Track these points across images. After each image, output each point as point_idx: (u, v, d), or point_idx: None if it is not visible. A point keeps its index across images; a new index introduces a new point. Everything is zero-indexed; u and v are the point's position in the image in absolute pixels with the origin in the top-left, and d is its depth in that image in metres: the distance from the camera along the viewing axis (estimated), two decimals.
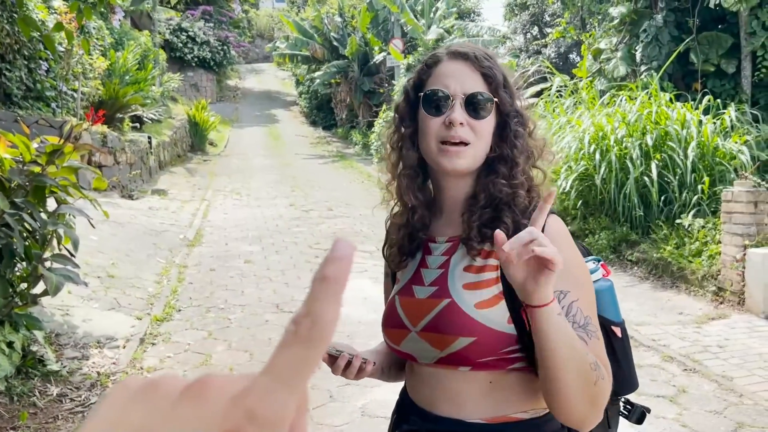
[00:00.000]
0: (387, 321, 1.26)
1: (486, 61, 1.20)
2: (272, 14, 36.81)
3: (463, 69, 1.19)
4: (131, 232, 7.47)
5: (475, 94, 1.17)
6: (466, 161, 1.17)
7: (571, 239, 1.19)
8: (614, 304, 1.29)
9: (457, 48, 1.23)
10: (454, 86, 1.18)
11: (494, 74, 1.19)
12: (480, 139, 1.18)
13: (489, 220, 1.18)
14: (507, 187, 1.18)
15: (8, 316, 3.57)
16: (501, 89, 1.19)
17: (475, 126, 1.17)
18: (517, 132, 1.21)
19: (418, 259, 1.28)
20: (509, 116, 1.21)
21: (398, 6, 18.90)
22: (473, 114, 1.17)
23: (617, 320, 1.28)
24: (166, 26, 21.06)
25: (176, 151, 14.93)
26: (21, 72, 8.72)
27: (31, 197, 3.60)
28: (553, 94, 10.77)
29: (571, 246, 1.18)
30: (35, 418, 3.29)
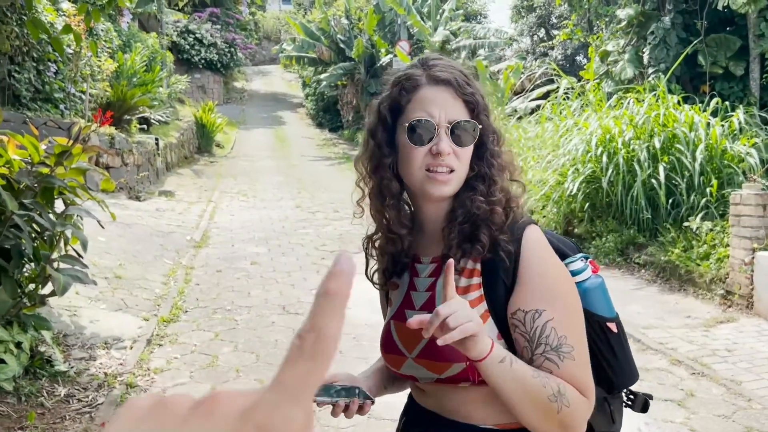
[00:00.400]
0: (384, 346, 1.28)
1: (467, 86, 1.20)
2: (279, 16, 36.90)
3: (445, 96, 1.19)
4: (138, 234, 7.49)
5: (460, 123, 1.18)
6: (451, 187, 1.19)
7: (549, 250, 1.20)
8: (606, 300, 1.29)
9: (437, 72, 1.20)
10: (438, 115, 1.18)
11: (476, 100, 1.20)
12: (463, 164, 1.19)
13: (467, 237, 1.20)
14: (485, 204, 1.19)
15: (17, 317, 3.59)
16: (482, 114, 1.21)
17: (459, 153, 1.18)
18: (494, 151, 1.23)
19: (407, 281, 1.29)
20: (487, 137, 1.23)
21: (405, 8, 18.93)
22: (458, 142, 1.18)
23: (611, 316, 1.28)
24: (173, 28, 21.14)
25: (183, 153, 14.98)
26: (30, 74, 8.78)
27: (39, 198, 3.62)
28: (560, 96, 10.74)
29: (549, 258, 1.19)
30: (43, 418, 3.30)
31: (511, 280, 1.16)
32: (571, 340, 1.12)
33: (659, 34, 10.24)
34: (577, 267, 1.25)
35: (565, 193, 7.99)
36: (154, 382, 3.94)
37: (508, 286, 1.16)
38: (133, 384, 3.84)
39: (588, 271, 1.27)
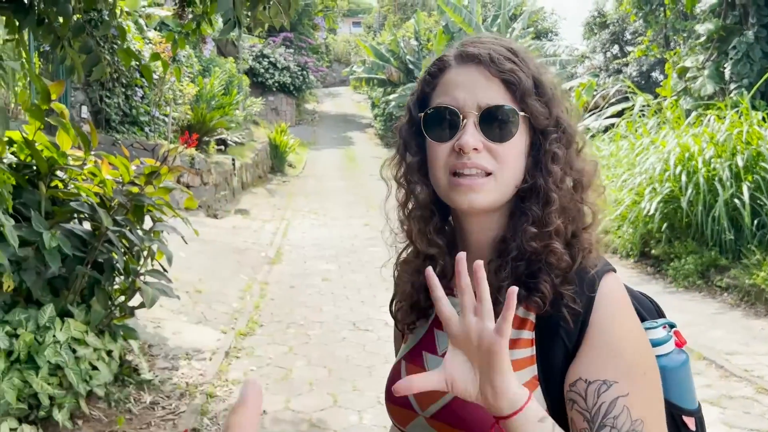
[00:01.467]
0: (389, 394, 0.97)
1: (507, 62, 0.89)
2: (349, 39, 37.74)
3: (475, 76, 0.90)
4: (216, 250, 7.80)
5: (493, 109, 0.88)
6: (486, 197, 0.89)
7: (630, 308, 0.89)
8: (689, 384, 0.96)
9: (466, 48, 0.92)
10: (463, 100, 0.89)
11: (519, 79, 0.89)
12: (504, 166, 0.89)
13: (520, 279, 0.89)
14: (537, 239, 0.89)
15: (108, 327, 3.81)
16: (530, 97, 0.89)
17: (496, 150, 0.88)
18: (555, 155, 0.91)
19: (433, 315, 0.99)
20: (545, 133, 0.92)
21: (474, 28, 18.98)
22: (492, 135, 0.88)
23: (692, 407, 0.95)
24: (249, 53, 21.98)
25: (257, 173, 15.48)
26: (119, 99, 9.36)
27: (130, 215, 3.85)
28: (636, 113, 10.48)
29: (629, 318, 0.88)
30: (130, 423, 3.49)
31: (574, 343, 0.86)
32: (650, 427, 0.81)
33: (742, 49, 9.86)
34: (658, 336, 0.94)
35: (642, 213, 7.78)
36: (232, 394, 4.08)
37: (570, 350, 0.86)
38: (212, 394, 3.99)
39: (671, 344, 0.95)
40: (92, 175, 3.92)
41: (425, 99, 0.96)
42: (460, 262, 0.74)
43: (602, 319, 0.86)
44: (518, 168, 0.90)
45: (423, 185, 0.98)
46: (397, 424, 0.98)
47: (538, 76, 0.91)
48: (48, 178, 3.69)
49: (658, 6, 13.71)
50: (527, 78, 0.89)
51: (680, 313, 6.18)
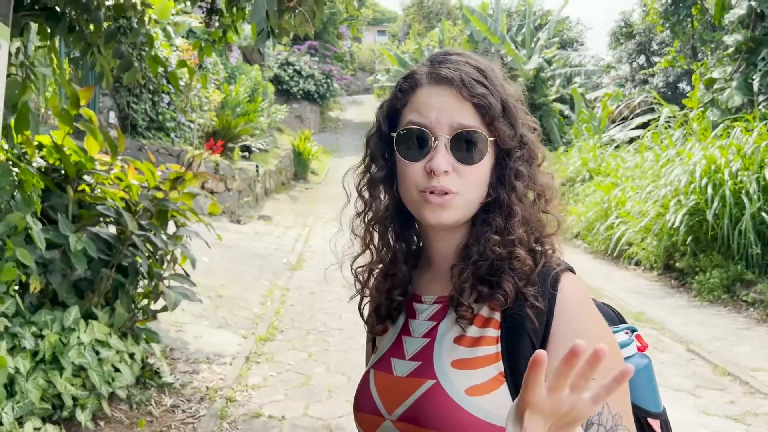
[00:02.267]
0: (358, 402, 1.01)
1: (479, 86, 0.92)
2: (374, 48, 37.91)
3: (447, 98, 0.92)
4: (239, 255, 7.86)
5: (464, 133, 0.91)
6: (455, 213, 0.93)
7: (592, 304, 0.93)
8: (652, 387, 0.98)
9: (438, 69, 0.94)
10: (436, 121, 0.91)
11: (489, 103, 0.91)
12: (471, 186, 0.93)
13: (483, 279, 0.93)
14: (500, 246, 0.92)
15: (131, 329, 3.87)
16: (498, 121, 0.92)
17: (464, 172, 0.91)
18: (519, 172, 0.95)
19: (401, 323, 1.03)
20: (509, 152, 0.95)
21: (499, 37, 18.96)
22: (461, 158, 0.91)
23: (656, 410, 0.97)
24: (274, 61, 22.19)
25: (281, 179, 15.59)
26: (146, 105, 9.51)
27: (155, 220, 3.91)
28: (662, 125, 10.36)
29: (591, 315, 0.91)
30: (151, 425, 3.53)
31: (541, 339, 0.89)
32: (626, 420, 0.85)
33: None
34: (620, 340, 0.96)
35: (667, 225, 7.68)
36: (252, 398, 4.11)
37: (536, 347, 0.88)
38: (232, 399, 4.02)
39: (633, 347, 0.98)
40: (118, 180, 3.99)
41: (396, 114, 0.99)
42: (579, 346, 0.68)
43: (568, 314, 0.89)
44: (483, 186, 0.94)
45: (388, 196, 1.02)
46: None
47: (506, 98, 0.95)
48: (75, 182, 3.77)
49: (685, 17, 13.57)
50: (496, 102, 0.92)
51: (705, 327, 6.08)
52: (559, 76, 19.23)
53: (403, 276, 1.03)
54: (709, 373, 4.97)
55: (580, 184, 11.65)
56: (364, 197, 1.05)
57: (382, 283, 1.05)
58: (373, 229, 1.05)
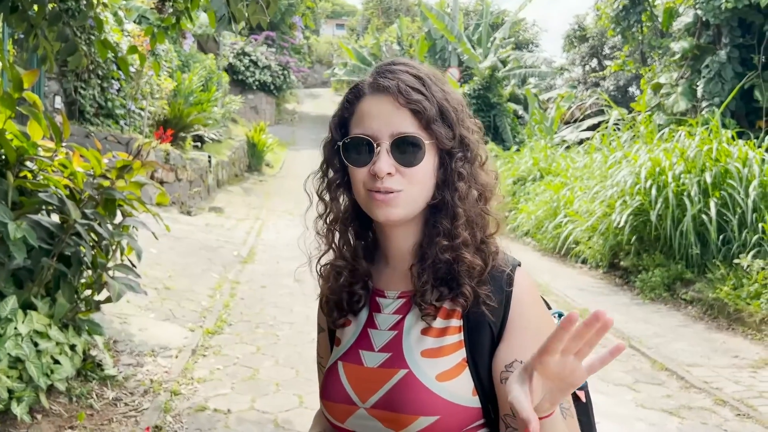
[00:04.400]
0: (328, 393, 1.06)
1: (414, 92, 0.98)
2: (332, 41, 37.74)
3: (387, 106, 0.99)
4: (188, 247, 7.73)
5: (402, 137, 0.97)
6: (400, 210, 1.00)
7: (539, 297, 1.05)
8: None
9: (379, 79, 1.01)
10: (377, 129, 0.99)
11: (424, 108, 0.98)
12: (413, 185, 0.99)
13: (444, 280, 1.02)
14: (448, 251, 1.00)
15: (72, 321, 3.76)
16: (435, 123, 0.99)
17: (407, 173, 0.98)
18: (460, 173, 1.01)
19: (365, 316, 1.10)
20: (450, 153, 1.02)
21: (456, 35, 19.12)
22: (401, 160, 0.98)
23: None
24: (230, 50, 21.84)
25: (234, 171, 15.38)
26: (94, 91, 9.23)
27: (101, 209, 3.81)
28: (611, 127, 10.64)
29: (541, 305, 1.04)
30: (92, 419, 3.45)
31: (499, 329, 0.99)
32: (569, 398, 0.97)
33: (714, 68, 10.09)
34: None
35: (612, 224, 7.91)
36: (197, 392, 4.05)
37: (495, 336, 0.99)
38: (177, 392, 3.96)
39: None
40: (63, 167, 3.87)
41: (345, 123, 1.06)
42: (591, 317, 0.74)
43: (522, 307, 1.00)
44: (426, 186, 1.01)
45: (345, 197, 1.10)
46: (335, 421, 1.06)
47: (443, 102, 1.00)
48: (16, 168, 3.63)
49: (635, 22, 13.96)
50: (432, 106, 0.99)
51: (646, 324, 6.29)
52: (514, 76, 19.54)
53: (364, 271, 1.11)
54: (648, 369, 5.15)
55: (531, 183, 11.87)
56: (324, 200, 1.12)
57: (345, 278, 1.11)
58: (335, 229, 1.12)
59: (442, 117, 1.00)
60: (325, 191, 1.11)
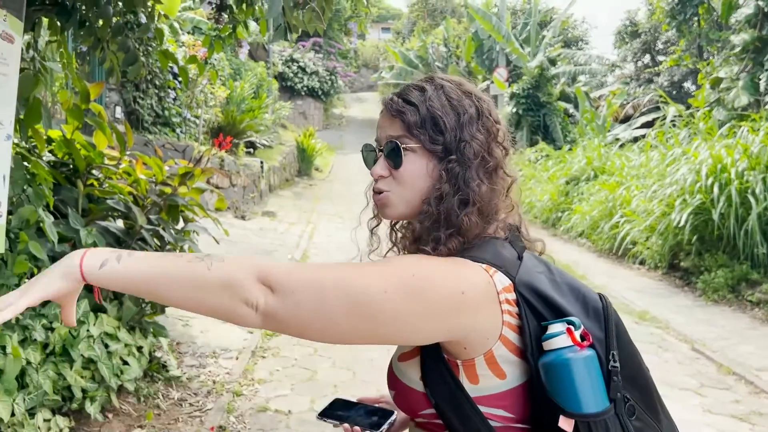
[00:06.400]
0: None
1: (404, 103, 1.07)
2: (378, 45, 37.89)
3: (384, 117, 1.11)
4: (243, 251, 7.88)
5: (387, 143, 1.08)
6: (392, 210, 1.10)
7: (422, 257, 1.02)
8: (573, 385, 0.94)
9: (389, 95, 1.14)
10: (379, 137, 1.12)
11: (405, 114, 1.06)
12: (403, 185, 1.07)
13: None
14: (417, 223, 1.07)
15: (138, 323, 3.89)
16: (418, 129, 1.05)
17: (397, 175, 1.07)
18: (449, 171, 1.05)
19: None
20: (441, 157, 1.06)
21: (503, 35, 18.93)
22: (391, 163, 1.07)
23: (574, 410, 0.93)
24: (279, 57, 22.20)
25: (285, 176, 15.61)
26: (152, 100, 9.52)
27: (164, 215, 3.93)
28: (668, 124, 10.35)
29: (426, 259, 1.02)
30: (159, 418, 3.55)
31: None
32: (359, 265, 0.96)
33: None
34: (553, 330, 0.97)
35: (672, 224, 7.68)
36: (258, 393, 4.13)
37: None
38: (239, 393, 4.04)
39: (563, 339, 0.95)
40: (126, 175, 4.01)
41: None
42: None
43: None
44: (416, 186, 1.07)
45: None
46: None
47: (435, 111, 1.06)
48: (85, 177, 3.79)
49: (691, 16, 13.54)
50: (417, 113, 1.06)
51: (709, 326, 6.08)
52: (564, 74, 19.21)
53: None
54: (713, 373, 4.98)
55: (585, 183, 11.65)
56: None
57: None
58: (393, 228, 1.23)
59: (433, 123, 1.05)
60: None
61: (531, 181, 13.92)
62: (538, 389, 0.96)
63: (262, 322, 0.91)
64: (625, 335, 1.04)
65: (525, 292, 0.99)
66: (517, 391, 0.98)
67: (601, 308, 1.03)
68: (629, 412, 0.97)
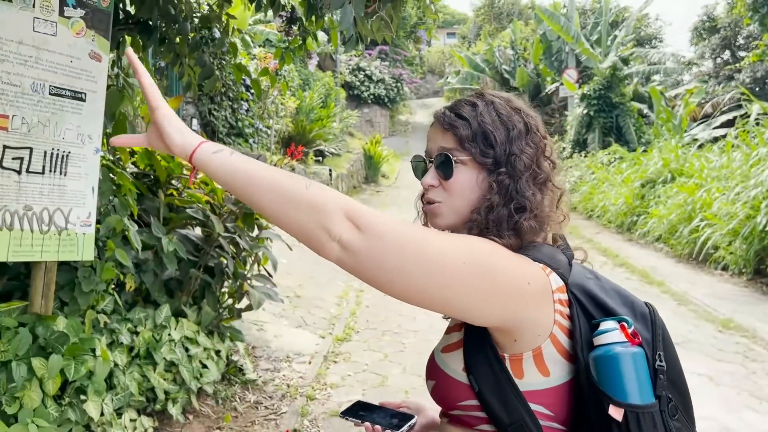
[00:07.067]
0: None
1: (456, 118, 1.13)
2: (443, 50, 37.81)
3: (436, 130, 1.16)
4: (314, 257, 8.00)
5: (439, 154, 1.13)
6: (443, 219, 1.14)
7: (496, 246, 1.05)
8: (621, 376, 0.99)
9: (440, 110, 1.18)
10: (430, 149, 1.16)
11: (460, 129, 1.11)
12: (453, 196, 1.12)
13: None
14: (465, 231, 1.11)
15: (216, 327, 4.02)
16: (470, 143, 1.10)
17: (447, 185, 1.12)
18: (500, 183, 1.10)
19: None
20: (491, 170, 1.11)
21: (573, 36, 18.52)
22: (442, 174, 1.12)
23: (621, 398, 0.98)
24: (346, 66, 22.51)
25: (352, 183, 15.79)
26: (226, 112, 9.86)
27: (240, 222, 4.05)
28: (752, 122, 9.85)
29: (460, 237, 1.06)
30: (236, 421, 3.66)
31: None
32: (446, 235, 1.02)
33: None
34: (605, 327, 1.03)
35: (757, 228, 7.30)
36: (331, 397, 4.19)
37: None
38: (312, 397, 4.11)
39: (615, 334, 1.02)
40: (204, 184, 4.16)
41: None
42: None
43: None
44: (466, 197, 1.12)
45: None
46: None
47: (486, 125, 1.11)
48: (165, 187, 3.96)
49: None
50: (469, 127, 1.11)
51: None
52: (637, 74, 18.60)
53: None
54: None
55: (662, 186, 11.22)
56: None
57: None
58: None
59: (484, 137, 1.10)
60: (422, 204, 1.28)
61: (604, 185, 13.52)
62: (584, 385, 1.01)
63: (338, 255, 0.94)
64: (670, 341, 1.08)
65: (577, 293, 1.05)
66: (559, 390, 1.03)
67: (647, 313, 1.10)
68: (671, 412, 1.02)
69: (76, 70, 2.53)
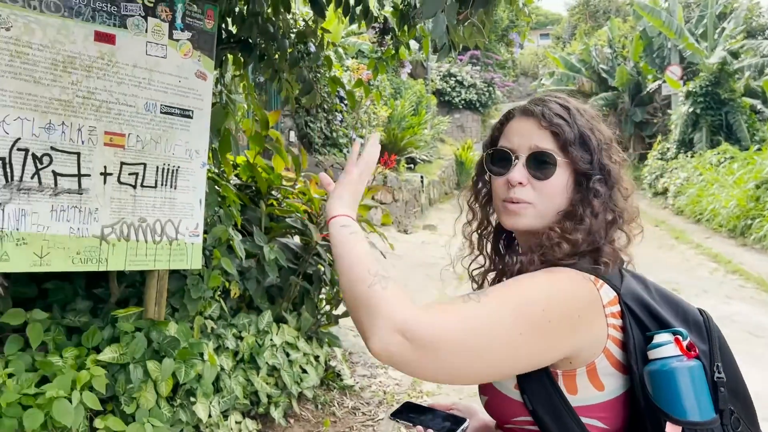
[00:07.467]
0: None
1: (556, 117, 1.10)
2: (537, 52, 37.02)
3: (530, 126, 1.12)
4: (407, 264, 8.07)
5: (537, 153, 1.10)
6: (527, 220, 1.10)
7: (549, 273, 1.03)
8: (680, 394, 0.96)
9: (529, 105, 1.15)
10: (518, 144, 1.12)
11: (564, 131, 1.09)
12: (545, 198, 1.10)
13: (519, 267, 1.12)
14: (555, 238, 1.06)
15: (315, 333, 4.12)
16: (573, 146, 1.09)
17: (539, 186, 1.10)
18: (597, 191, 1.09)
19: None
20: (587, 174, 1.10)
21: (675, 31, 17.62)
22: (535, 174, 1.09)
23: (680, 416, 0.95)
24: (437, 73, 22.52)
25: (444, 189, 15.76)
26: (321, 123, 10.13)
27: None
28: None
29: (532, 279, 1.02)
30: (335, 426, 3.73)
31: None
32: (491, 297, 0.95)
33: None
34: (659, 340, 1.00)
35: None
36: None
37: None
38: None
39: (670, 348, 0.98)
40: (302, 194, 4.29)
41: (495, 141, 1.20)
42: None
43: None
44: (555, 201, 1.10)
45: (483, 208, 1.27)
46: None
47: (585, 130, 1.10)
48: (266, 197, 4.11)
49: None
50: (571, 131, 1.09)
51: None
52: (748, 68, 17.40)
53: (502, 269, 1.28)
54: None
55: None
56: (473, 209, 1.29)
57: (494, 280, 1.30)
58: (480, 234, 1.29)
59: (582, 142, 1.10)
60: (474, 201, 1.28)
61: (713, 186, 12.73)
62: (639, 399, 0.98)
63: (383, 359, 0.93)
64: (727, 349, 1.05)
65: (630, 303, 1.02)
66: (614, 403, 1.01)
67: (701, 321, 1.07)
68: (735, 425, 0.98)
69: (184, 89, 2.69)
